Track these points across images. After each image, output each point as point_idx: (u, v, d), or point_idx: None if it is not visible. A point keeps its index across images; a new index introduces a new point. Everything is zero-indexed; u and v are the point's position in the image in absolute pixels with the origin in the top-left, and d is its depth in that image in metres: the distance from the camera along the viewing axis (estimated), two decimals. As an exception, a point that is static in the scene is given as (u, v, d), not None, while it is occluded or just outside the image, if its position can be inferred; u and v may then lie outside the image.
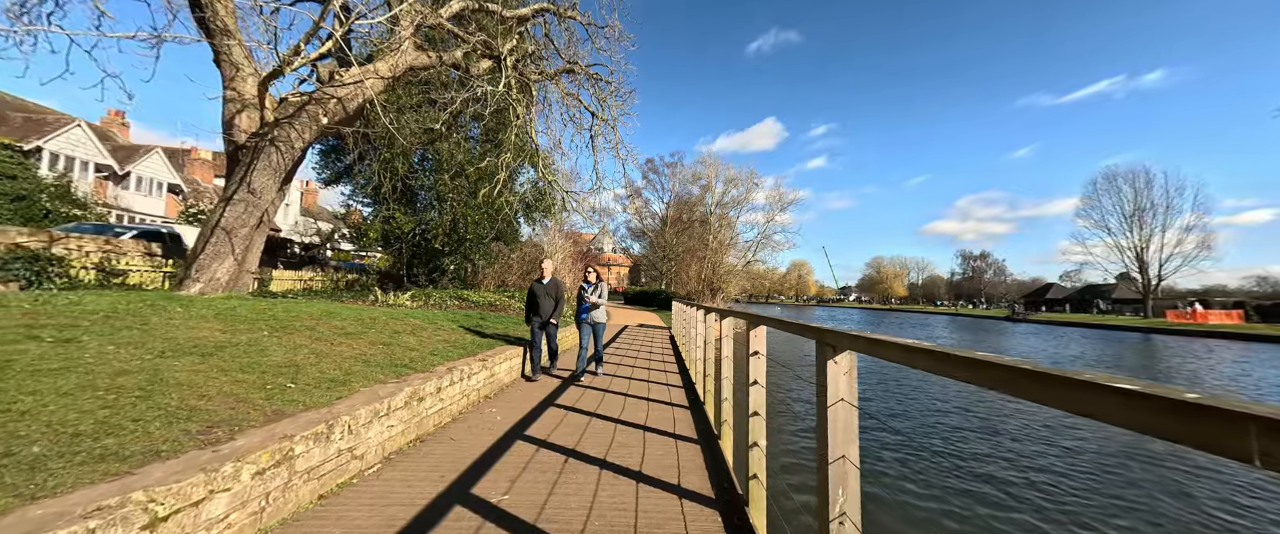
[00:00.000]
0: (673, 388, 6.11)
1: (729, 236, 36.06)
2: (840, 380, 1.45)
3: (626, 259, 53.13)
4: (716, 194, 37.90)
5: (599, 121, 9.81)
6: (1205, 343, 25.21)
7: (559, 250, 15.23)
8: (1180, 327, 33.63)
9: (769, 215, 39.73)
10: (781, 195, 37.88)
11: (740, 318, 3.41)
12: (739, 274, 35.56)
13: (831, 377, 1.45)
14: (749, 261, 38.64)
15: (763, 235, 40.36)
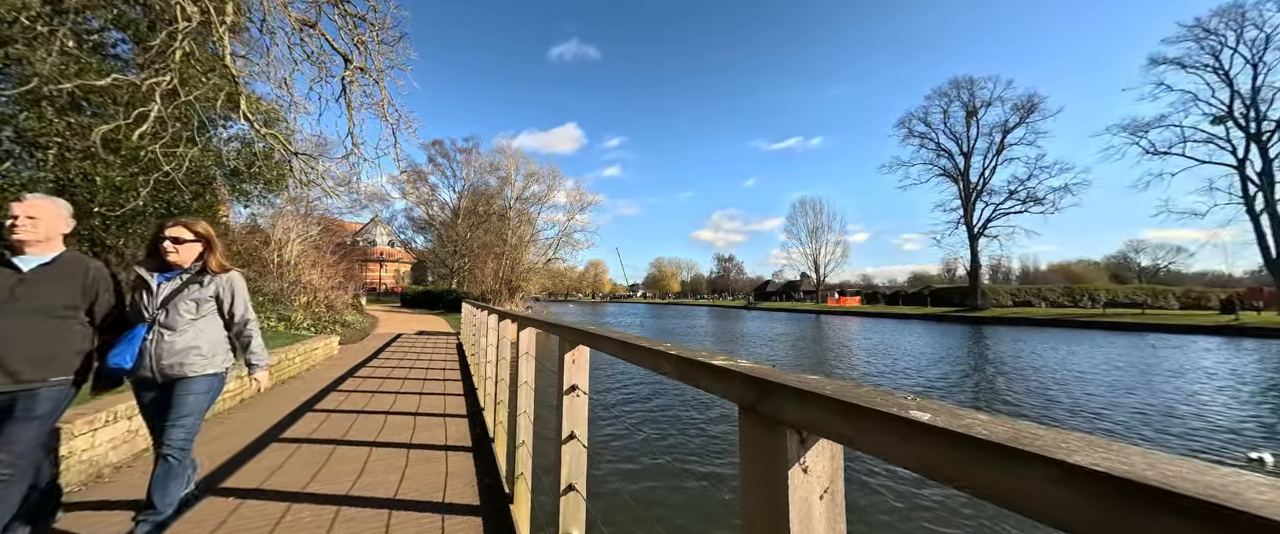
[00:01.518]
0: (452, 396, 5.10)
1: (530, 233, 35.05)
2: (573, 371, 1.65)
3: (408, 254, 45.50)
4: (516, 188, 36.29)
5: (356, 70, 7.61)
6: (842, 319, 38.86)
7: (296, 237, 11.39)
8: (832, 309, 51.77)
9: (570, 215, 40.58)
10: (582, 196, 39.12)
11: (512, 320, 3.25)
12: (540, 272, 34.96)
13: (567, 368, 1.65)
14: (550, 260, 38.49)
15: (563, 234, 40.91)
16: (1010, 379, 10.53)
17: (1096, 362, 13.39)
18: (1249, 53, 30.44)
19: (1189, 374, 11.39)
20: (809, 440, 0.59)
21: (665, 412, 7.40)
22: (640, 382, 9.49)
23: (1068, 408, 7.78)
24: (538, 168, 36.94)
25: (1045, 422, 4.88)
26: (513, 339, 3.08)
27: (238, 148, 10.23)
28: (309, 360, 7.01)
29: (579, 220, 38.76)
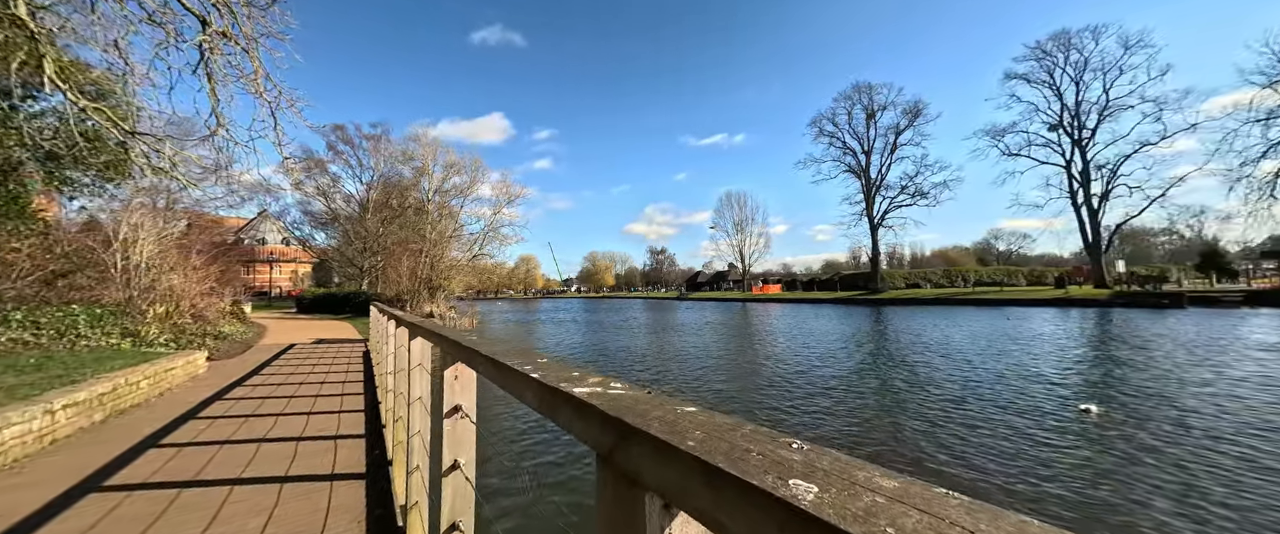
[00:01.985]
0: (350, 415, 4.54)
1: (452, 228, 32.79)
2: (456, 389, 1.44)
3: (307, 253, 40.52)
4: (435, 179, 33.68)
5: (216, 35, 6.48)
6: (766, 306, 41.52)
7: (149, 235, 9.50)
8: (757, 296, 55.08)
9: (496, 208, 38.57)
10: (509, 189, 37.32)
11: (404, 326, 2.95)
12: (465, 269, 32.87)
13: (448, 385, 1.44)
14: (476, 256, 36.39)
15: (490, 228, 38.84)
16: (904, 353, 11.91)
17: (968, 333, 15.67)
18: (1073, 72, 37.20)
19: (1035, 340, 13.70)
20: (674, 509, 0.46)
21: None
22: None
23: (947, 375, 8.95)
24: (459, 158, 34.55)
25: (934, 389, 5.48)
26: (406, 348, 2.75)
27: (54, 125, 8.19)
28: (162, 383, 5.83)
29: (507, 214, 37.05)
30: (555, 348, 15.43)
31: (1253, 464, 4.44)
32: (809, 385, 8.41)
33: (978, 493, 4.02)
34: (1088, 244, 37.66)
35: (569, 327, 24.84)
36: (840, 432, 5.81)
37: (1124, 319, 19.66)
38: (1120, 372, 8.93)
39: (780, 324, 22.39)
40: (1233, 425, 5.51)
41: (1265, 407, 6.21)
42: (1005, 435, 5.59)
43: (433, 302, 24.62)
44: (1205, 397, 6.80)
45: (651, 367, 11.02)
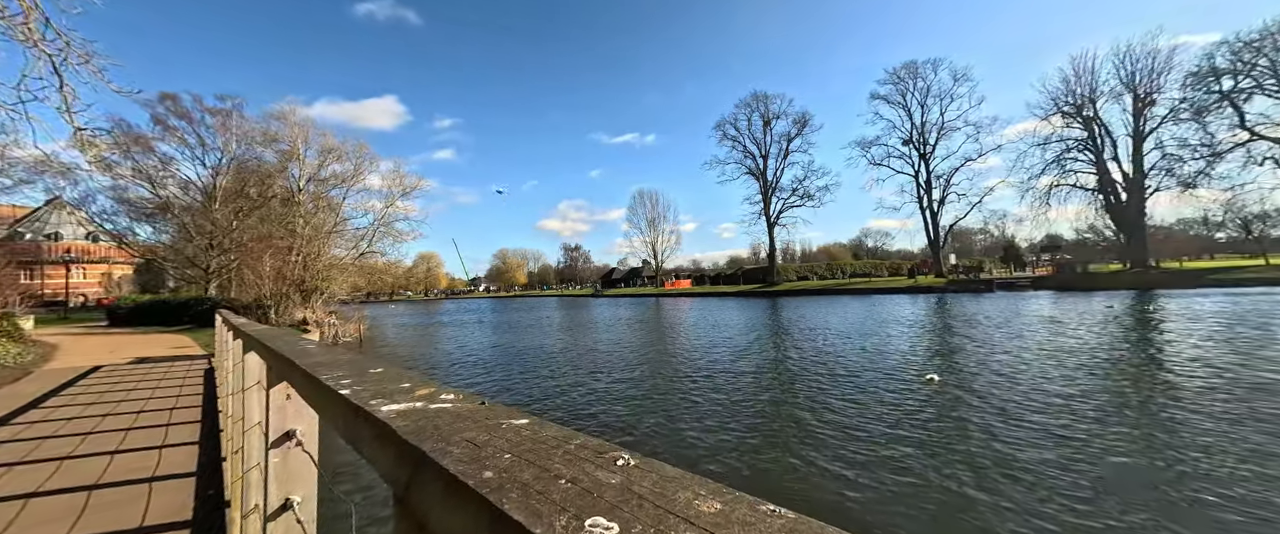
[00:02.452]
0: (176, 449, 3.69)
1: (332, 221, 28.67)
2: (286, 411, 1.19)
3: (124, 252, 32.51)
4: (309, 166, 29.12)
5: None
6: (677, 300, 43.37)
7: None
8: (669, 291, 57.30)
9: (389, 201, 34.60)
10: (403, 180, 33.70)
11: (237, 336, 2.29)
12: (350, 269, 28.94)
13: (273, 406, 1.19)
14: (364, 254, 32.29)
15: (382, 223, 34.77)
16: (794, 337, 13.27)
17: (845, 318, 18.02)
18: (919, 97, 44.67)
19: (894, 322, 16.19)
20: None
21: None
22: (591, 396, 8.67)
23: (827, 353, 10.15)
24: (340, 143, 30.23)
25: (816, 365, 6.10)
26: (241, 363, 2.27)
27: None
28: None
29: (401, 208, 33.45)
30: (454, 352, 14.32)
31: (1038, 406, 5.73)
32: (712, 366, 8.93)
33: (850, 447, 4.60)
34: (930, 241, 45.67)
35: (473, 329, 23.29)
36: (739, 402, 6.26)
37: (955, 302, 24.21)
38: (953, 342, 10.97)
39: (690, 317, 23.51)
40: (1027, 378, 7.07)
41: (1043, 362, 8.09)
42: (869, 400, 6.50)
43: (306, 307, 21.30)
44: (1008, 358, 8.63)
45: (564, 365, 10.78)
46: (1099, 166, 36.40)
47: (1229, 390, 6.17)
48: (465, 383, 8.86)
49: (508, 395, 7.82)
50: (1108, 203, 36.60)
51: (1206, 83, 32.60)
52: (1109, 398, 6.18)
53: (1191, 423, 5.12)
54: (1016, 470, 4.16)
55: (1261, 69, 30.84)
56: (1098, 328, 12.48)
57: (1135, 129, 34.78)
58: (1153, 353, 8.86)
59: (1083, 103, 36.31)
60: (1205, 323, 12.46)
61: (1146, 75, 34.16)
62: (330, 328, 19.31)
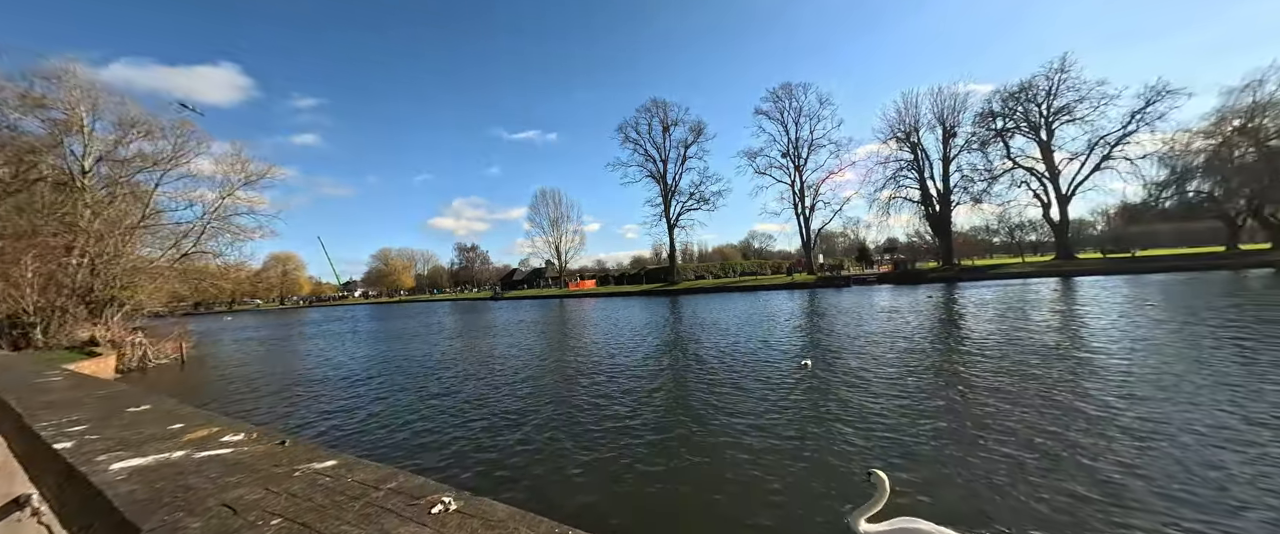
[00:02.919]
0: None
1: (138, 214, 22.61)
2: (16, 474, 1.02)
3: None
4: (100, 141, 22.56)
5: None
6: (581, 300, 43.16)
7: None
8: (574, 292, 56.83)
9: (226, 191, 28.34)
10: (246, 166, 28.02)
11: None
12: (167, 273, 23.01)
13: None
14: (187, 255, 26.01)
15: (215, 216, 28.36)
16: (690, 332, 14.07)
17: (735, 313, 19.71)
18: (794, 115, 50.80)
19: (774, 315, 18.12)
20: None
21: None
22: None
23: (718, 345, 10.97)
24: (148, 116, 23.95)
25: (708, 356, 6.51)
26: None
27: None
28: None
29: (244, 199, 27.84)
30: (311, 371, 12.30)
31: (888, 381, 6.89)
32: (617, 360, 9.02)
33: (738, 421, 5.01)
34: (804, 243, 52.23)
35: (342, 341, 20.30)
36: (640, 389, 6.42)
37: (822, 296, 28.05)
38: (822, 329, 12.67)
39: (597, 316, 23.50)
40: (871, 360, 8.45)
41: (889, 345, 9.77)
42: (753, 384, 7.21)
43: (97, 323, 16.56)
44: (859, 343, 10.25)
45: (452, 377, 9.92)
46: (921, 183, 45.28)
47: (1000, 352, 8.14)
48: (311, 411, 7.64)
49: (366, 420, 6.93)
50: (928, 213, 45.72)
51: (986, 122, 42.72)
52: (930, 363, 7.70)
53: (977, 377, 6.63)
54: (873, 423, 4.94)
55: (1020, 114, 41.42)
56: (920, 312, 15.53)
57: (944, 154, 44.04)
58: (954, 330, 11.32)
59: (910, 131, 44.84)
60: (988, 306, 16.29)
61: (951, 112, 43.51)
62: (134, 349, 15.20)
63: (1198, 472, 3.73)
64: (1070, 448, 4.33)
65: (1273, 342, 7.76)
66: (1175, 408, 5.17)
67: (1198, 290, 16.82)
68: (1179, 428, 4.60)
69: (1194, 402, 5.32)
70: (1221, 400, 5.27)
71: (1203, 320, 10.23)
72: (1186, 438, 4.37)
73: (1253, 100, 34.65)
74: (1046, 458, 4.16)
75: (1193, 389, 5.74)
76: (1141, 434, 4.53)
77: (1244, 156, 34.80)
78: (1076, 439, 4.51)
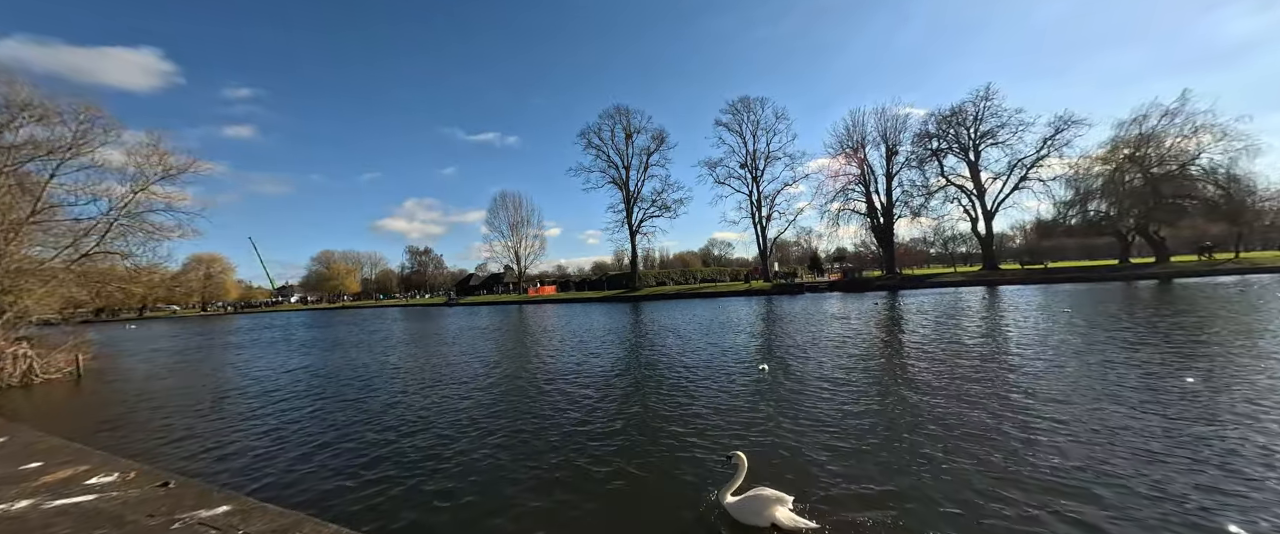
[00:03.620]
0: None
1: (26, 207, 19.83)
2: None
3: None
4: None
5: None
6: (541, 306, 42.28)
7: None
8: (533, 298, 55.62)
9: (139, 185, 25.39)
10: (163, 157, 25.31)
11: None
12: (62, 276, 20.22)
13: None
14: (88, 255, 23.05)
15: (124, 213, 25.35)
16: (651, 338, 14.12)
17: (695, 319, 20.01)
18: (752, 128, 52.71)
19: (733, 322, 18.56)
20: None
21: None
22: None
23: (679, 350, 11.08)
24: (40, 97, 21.14)
25: (671, 361, 6.52)
26: None
27: None
28: None
29: (159, 194, 25.17)
30: (228, 385, 11.21)
31: (833, 378, 7.21)
32: (579, 367, 8.87)
33: (695, 420, 5.05)
34: (760, 251, 54.05)
35: (273, 350, 18.69)
36: (603, 395, 6.34)
37: (777, 302, 29.09)
38: (777, 335, 13.11)
39: (557, 322, 23.04)
40: (827, 362, 8.83)
41: (839, 351, 10.26)
42: (714, 388, 7.34)
43: (-32, 334, 14.35)
44: (814, 349, 10.70)
45: (390, 391, 9.36)
46: (867, 197, 48.27)
47: (935, 352, 8.78)
48: (220, 434, 6.92)
49: (281, 444, 6.36)
50: (873, 224, 48.73)
51: (924, 142, 46.29)
52: (875, 364, 8.16)
53: (919, 377, 7.09)
54: (821, 419, 5.14)
55: (952, 136, 45.20)
56: (867, 318, 16.47)
57: (887, 170, 47.22)
58: (897, 333, 12.09)
59: (857, 147, 47.75)
60: (927, 312, 17.54)
61: (894, 132, 46.80)
62: (17, 362, 13.25)
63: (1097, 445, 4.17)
64: (991, 441, 4.71)
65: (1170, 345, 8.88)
66: (1082, 404, 5.77)
67: (1098, 298, 19.00)
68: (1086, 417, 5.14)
69: (1097, 396, 5.97)
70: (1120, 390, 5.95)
71: (1119, 326, 11.53)
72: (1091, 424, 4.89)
73: (1139, 132, 39.82)
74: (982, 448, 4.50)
75: (1097, 385, 6.44)
76: (1056, 422, 5.01)
77: (1133, 181, 39.83)
78: (998, 431, 4.92)
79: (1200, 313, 12.95)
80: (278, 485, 4.60)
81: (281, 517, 0.44)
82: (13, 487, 0.49)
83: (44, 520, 0.39)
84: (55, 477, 0.57)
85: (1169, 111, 38.68)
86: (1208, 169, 37.61)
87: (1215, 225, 40.70)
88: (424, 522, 3.79)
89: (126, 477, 0.65)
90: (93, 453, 0.84)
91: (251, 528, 0.39)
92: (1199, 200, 38.16)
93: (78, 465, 0.61)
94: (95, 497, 0.43)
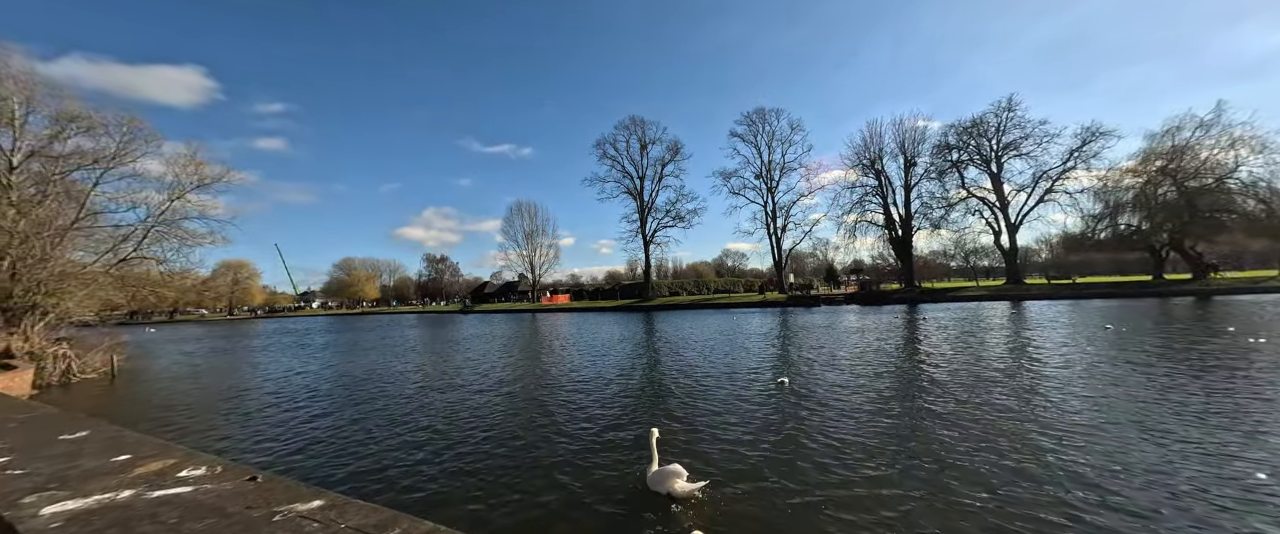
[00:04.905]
0: None
1: (70, 214, 20.89)
2: None
3: None
4: (32, 135, 20.91)
5: None
6: (554, 315, 42.52)
7: None
8: (547, 306, 55.88)
9: (175, 193, 26.61)
10: (200, 168, 26.48)
11: None
12: (100, 279, 21.18)
13: None
14: (126, 259, 24.13)
15: (161, 221, 26.52)
16: (668, 348, 14.03)
17: (710, 330, 19.84)
18: (766, 139, 52.61)
19: (749, 333, 18.34)
20: None
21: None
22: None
23: (695, 362, 10.96)
24: (86, 109, 22.38)
25: (687, 373, 6.48)
26: None
27: None
28: None
29: (194, 202, 26.27)
30: (264, 388, 11.49)
31: (860, 394, 7.03)
32: (595, 375, 8.84)
33: (725, 434, 4.97)
34: (775, 262, 53.49)
35: (289, 354, 19.13)
36: (615, 406, 6.29)
37: (793, 314, 28.65)
38: (794, 350, 12.89)
39: (570, 332, 23.10)
40: (847, 376, 8.64)
41: (860, 366, 10.02)
42: (733, 401, 7.24)
43: (14, 332, 15.04)
44: (834, 362, 10.47)
45: (420, 396, 9.47)
46: (885, 208, 47.51)
47: (960, 369, 8.50)
48: (255, 436, 7.11)
49: (335, 448, 6.49)
50: (891, 236, 47.86)
51: (943, 153, 45.50)
52: (897, 385, 7.93)
53: (943, 391, 6.87)
54: (844, 435, 5.01)
55: (973, 148, 44.35)
56: (887, 335, 16.09)
57: (905, 182, 46.49)
58: (917, 350, 11.77)
59: (874, 159, 47.20)
60: (949, 328, 17.06)
61: (912, 143, 46.16)
62: (57, 361, 13.83)
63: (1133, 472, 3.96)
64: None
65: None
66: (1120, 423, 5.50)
67: (1137, 314, 18.22)
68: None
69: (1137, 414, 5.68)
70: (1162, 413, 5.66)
71: (1176, 352, 11.02)
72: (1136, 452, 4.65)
73: (1172, 144, 38.46)
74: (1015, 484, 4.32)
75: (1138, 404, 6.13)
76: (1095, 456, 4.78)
77: (1166, 195, 38.38)
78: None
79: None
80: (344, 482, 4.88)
81: (376, 512, 0.44)
82: (112, 477, 0.50)
83: (150, 509, 0.41)
84: (148, 468, 0.60)
85: (1203, 123, 37.33)
86: (1247, 182, 36.05)
87: (1257, 241, 38.81)
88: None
89: (214, 471, 0.66)
90: (174, 446, 0.87)
91: (349, 522, 0.40)
92: (1239, 215, 36.50)
93: (164, 459, 0.63)
94: (191, 488, 0.45)
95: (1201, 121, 37.25)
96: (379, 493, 4.66)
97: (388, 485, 4.85)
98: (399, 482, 4.93)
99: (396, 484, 4.87)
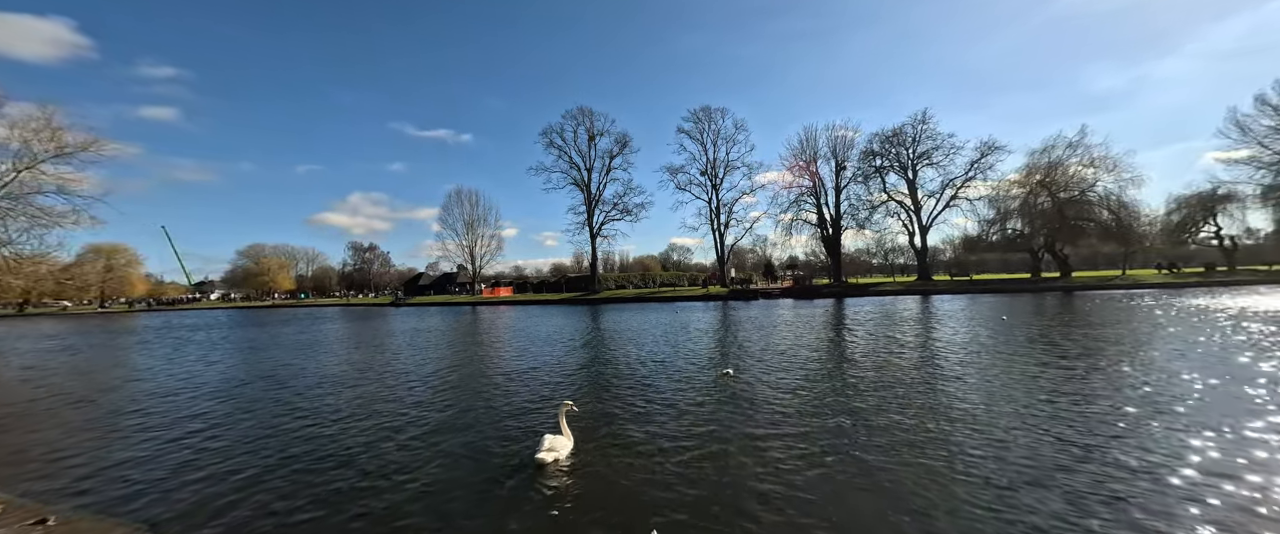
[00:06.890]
0: None
1: None
2: None
3: None
4: None
5: None
6: (495, 308, 40.96)
7: None
8: (488, 299, 53.81)
9: (25, 164, 22.10)
10: (56, 134, 22.37)
11: None
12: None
13: None
14: (-47, 241, 19.78)
15: (3, 194, 21.96)
16: (611, 341, 14.07)
17: (654, 323, 20.19)
18: (712, 137, 54.11)
19: (692, 327, 18.89)
20: None
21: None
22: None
23: (639, 356, 11.11)
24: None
25: (629, 366, 6.47)
26: None
27: None
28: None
29: (50, 175, 22.24)
30: (124, 393, 9.99)
31: (788, 377, 7.50)
32: (537, 370, 8.63)
33: (664, 424, 5.07)
34: (718, 257, 55.47)
35: (182, 349, 16.80)
36: (557, 397, 6.19)
37: (733, 308, 29.93)
38: (736, 341, 13.48)
39: (514, 324, 22.38)
40: (781, 364, 9.18)
41: (790, 352, 10.70)
42: (676, 392, 7.41)
43: None
44: (768, 352, 11.09)
45: (320, 402, 8.70)
46: (818, 208, 50.94)
47: (873, 354, 9.38)
48: (111, 453, 6.17)
49: (184, 467, 5.78)
50: (823, 235, 51.44)
51: (868, 159, 49.59)
52: (820, 366, 8.58)
53: (862, 379, 7.54)
54: (784, 413, 5.33)
55: (893, 155, 48.74)
56: (817, 326, 17.33)
57: (836, 184, 50.12)
58: (843, 339, 12.82)
59: (809, 161, 50.33)
60: (871, 319, 18.72)
61: (842, 148, 49.78)
62: None
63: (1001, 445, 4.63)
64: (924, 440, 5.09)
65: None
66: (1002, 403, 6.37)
67: (1021, 307, 21.11)
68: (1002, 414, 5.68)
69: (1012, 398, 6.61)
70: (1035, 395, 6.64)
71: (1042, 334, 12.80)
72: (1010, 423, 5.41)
73: (1047, 160, 44.85)
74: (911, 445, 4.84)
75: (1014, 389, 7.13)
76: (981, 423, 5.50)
77: (1043, 204, 44.74)
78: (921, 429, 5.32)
79: (1105, 323, 14.70)
80: (186, 516, 4.04)
81: (101, 524, 0.35)
82: None
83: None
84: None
85: (1071, 143, 43.94)
86: (1103, 195, 43.00)
87: (1107, 245, 46.45)
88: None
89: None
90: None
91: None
92: (1095, 223, 43.49)
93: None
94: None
95: (1070, 142, 43.86)
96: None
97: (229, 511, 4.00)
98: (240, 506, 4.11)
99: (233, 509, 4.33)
